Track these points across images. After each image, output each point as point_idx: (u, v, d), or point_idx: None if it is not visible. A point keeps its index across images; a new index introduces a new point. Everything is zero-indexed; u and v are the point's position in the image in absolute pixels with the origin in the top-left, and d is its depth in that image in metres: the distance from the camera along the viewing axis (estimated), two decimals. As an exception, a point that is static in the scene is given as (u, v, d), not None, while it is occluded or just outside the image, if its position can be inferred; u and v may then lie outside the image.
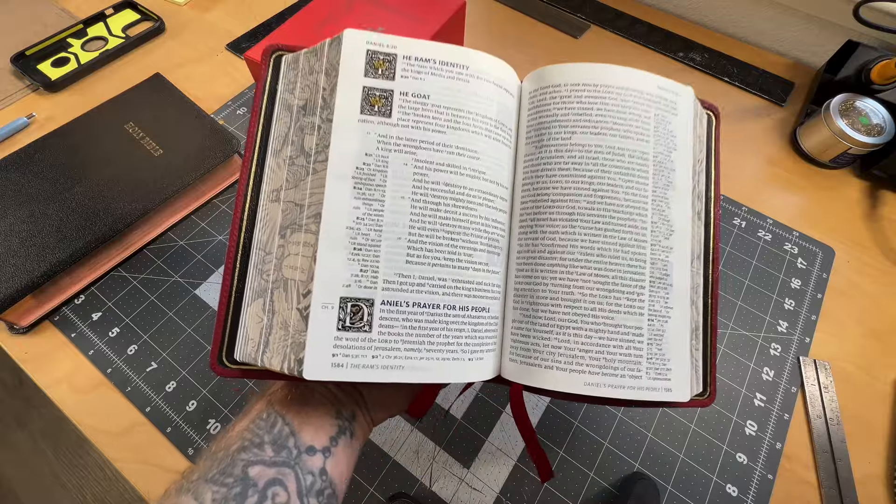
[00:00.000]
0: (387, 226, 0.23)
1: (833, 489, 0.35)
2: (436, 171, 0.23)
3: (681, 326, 0.24)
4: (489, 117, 0.25)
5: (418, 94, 0.24)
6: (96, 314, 0.41)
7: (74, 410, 0.37)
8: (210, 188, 0.47)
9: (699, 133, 0.27)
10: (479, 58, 0.25)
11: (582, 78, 0.26)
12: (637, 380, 0.23)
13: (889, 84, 0.50)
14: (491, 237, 0.25)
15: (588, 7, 0.67)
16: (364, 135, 0.23)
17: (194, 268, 0.44)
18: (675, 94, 0.26)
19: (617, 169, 0.25)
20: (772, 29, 0.63)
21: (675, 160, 0.26)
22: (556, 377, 0.24)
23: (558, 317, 0.24)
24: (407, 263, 0.23)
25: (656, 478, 0.35)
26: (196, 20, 0.65)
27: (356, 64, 0.24)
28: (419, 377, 0.22)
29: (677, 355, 0.24)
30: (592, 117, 0.25)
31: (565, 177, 0.25)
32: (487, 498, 0.34)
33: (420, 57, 0.24)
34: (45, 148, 0.45)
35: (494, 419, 0.37)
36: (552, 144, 0.26)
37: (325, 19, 0.54)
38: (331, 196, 0.22)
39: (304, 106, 0.25)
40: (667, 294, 0.24)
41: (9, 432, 1.08)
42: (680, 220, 0.25)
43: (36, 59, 0.58)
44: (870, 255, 0.46)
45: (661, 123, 0.26)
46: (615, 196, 0.25)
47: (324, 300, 0.21)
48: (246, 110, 0.55)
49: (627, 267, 0.24)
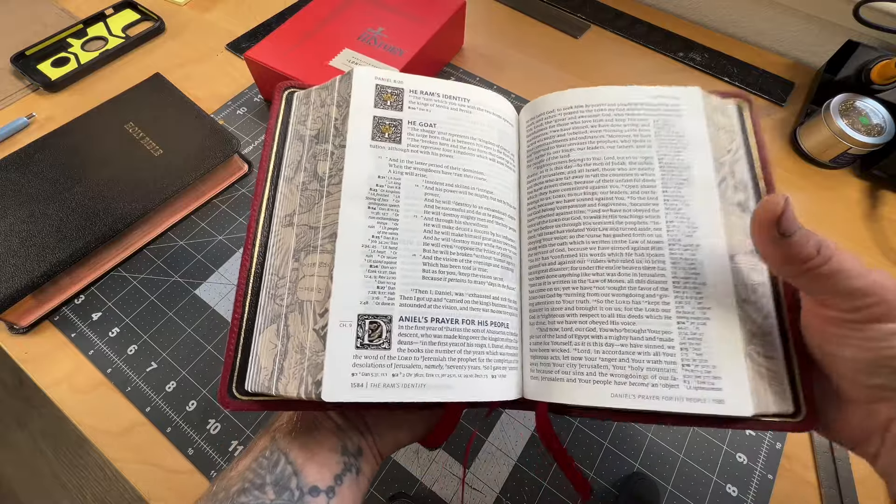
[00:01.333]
0: (402, 243, 0.23)
1: (833, 489, 0.35)
2: (446, 191, 0.25)
3: (726, 329, 0.22)
4: (492, 142, 0.26)
5: (425, 123, 0.26)
6: (96, 314, 0.41)
7: (74, 410, 0.37)
8: (210, 188, 0.47)
9: (723, 124, 0.27)
10: (477, 91, 0.27)
11: (574, 101, 0.27)
12: (673, 389, 0.21)
13: (889, 84, 0.50)
14: (503, 253, 0.25)
15: (588, 7, 0.67)
16: (376, 158, 0.24)
17: (194, 268, 0.44)
18: (675, 98, 0.26)
19: (619, 177, 0.25)
20: (772, 29, 0.63)
21: (689, 158, 0.25)
22: (579, 390, 0.22)
23: (575, 327, 0.23)
24: (423, 279, 0.23)
25: (656, 478, 0.35)
26: (196, 20, 0.65)
27: (366, 96, 0.25)
28: (441, 395, 0.22)
29: (727, 361, 0.21)
30: (588, 133, 0.26)
31: (567, 190, 0.25)
32: (487, 498, 0.34)
33: (425, 91, 0.26)
34: (44, 148, 0.45)
35: (494, 419, 0.37)
36: (552, 163, 0.26)
37: (326, 19, 0.54)
38: (345, 215, 0.23)
39: (317, 135, 0.26)
40: (699, 294, 0.23)
41: (9, 432, 1.08)
42: (704, 214, 0.24)
43: (36, 59, 0.58)
44: (870, 255, 0.46)
45: (663, 127, 0.26)
46: (620, 202, 0.24)
47: (341, 318, 0.21)
48: (246, 110, 0.55)
49: (644, 269, 0.23)
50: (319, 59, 0.50)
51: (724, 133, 0.26)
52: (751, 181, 0.26)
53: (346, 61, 0.50)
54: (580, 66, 0.61)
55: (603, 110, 0.26)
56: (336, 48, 0.51)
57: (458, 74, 0.59)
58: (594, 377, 0.22)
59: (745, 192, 0.25)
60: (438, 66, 0.59)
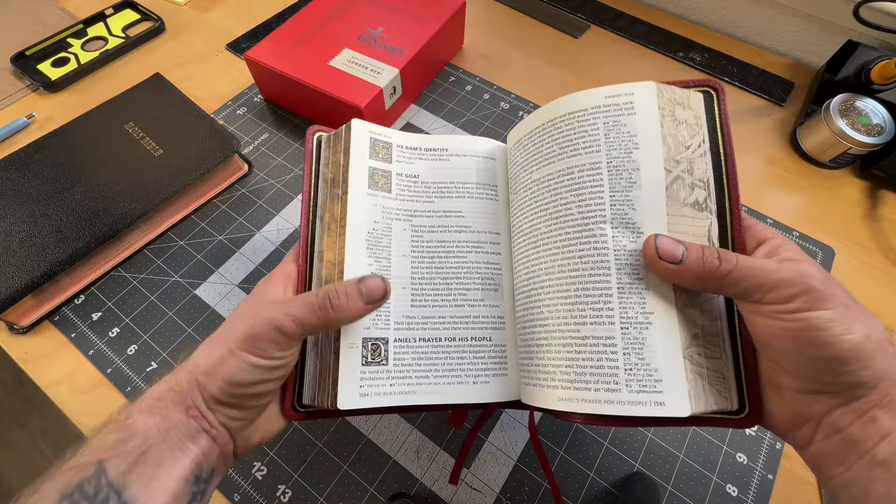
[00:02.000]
0: (394, 278, 0.28)
1: (833, 489, 0.34)
2: (429, 231, 0.29)
3: (667, 333, 0.22)
4: (469, 182, 0.31)
5: (410, 174, 0.30)
6: (96, 314, 0.41)
7: (74, 410, 0.37)
8: (210, 188, 0.47)
9: (684, 118, 0.25)
10: (455, 140, 0.31)
11: (534, 123, 0.28)
12: (615, 393, 0.22)
13: (889, 84, 0.50)
14: (485, 276, 0.29)
15: (588, 7, 0.67)
16: (372, 206, 0.29)
17: (194, 268, 0.44)
18: (628, 94, 0.25)
19: (567, 188, 0.25)
20: (772, 29, 0.63)
21: (639, 158, 0.24)
22: (536, 394, 0.25)
23: (535, 337, 0.26)
24: (412, 307, 0.28)
25: (656, 478, 0.35)
26: (196, 20, 0.65)
27: (363, 147, 0.29)
28: (429, 399, 0.27)
29: (668, 365, 0.22)
30: (543, 151, 0.27)
31: (529, 210, 0.27)
32: (487, 498, 0.34)
33: (409, 146, 0.31)
34: (45, 148, 0.45)
35: (494, 419, 0.37)
36: (520, 188, 0.28)
37: (326, 19, 0.54)
38: (351, 255, 0.27)
39: (333, 179, 0.30)
40: (642, 299, 0.23)
41: (9, 432, 1.08)
42: (650, 218, 0.23)
43: (36, 59, 0.58)
44: (870, 255, 0.46)
45: (612, 128, 0.25)
46: (569, 213, 0.25)
47: (350, 341, 0.26)
48: (246, 110, 0.55)
49: (589, 277, 0.24)
50: (319, 59, 0.50)
51: (684, 128, 0.25)
52: (713, 177, 0.25)
53: (346, 61, 0.50)
54: (580, 66, 0.61)
55: (555, 124, 0.27)
56: (336, 48, 0.51)
57: (457, 74, 0.59)
58: (547, 382, 0.24)
59: (706, 190, 0.24)
60: (438, 67, 0.59)
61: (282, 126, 0.54)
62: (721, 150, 0.25)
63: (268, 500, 0.34)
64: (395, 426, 0.37)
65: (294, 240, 0.45)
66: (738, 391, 0.23)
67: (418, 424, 0.37)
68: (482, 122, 0.54)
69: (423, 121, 0.55)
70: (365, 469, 0.35)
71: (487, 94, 0.57)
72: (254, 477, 0.34)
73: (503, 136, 0.53)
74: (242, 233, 0.46)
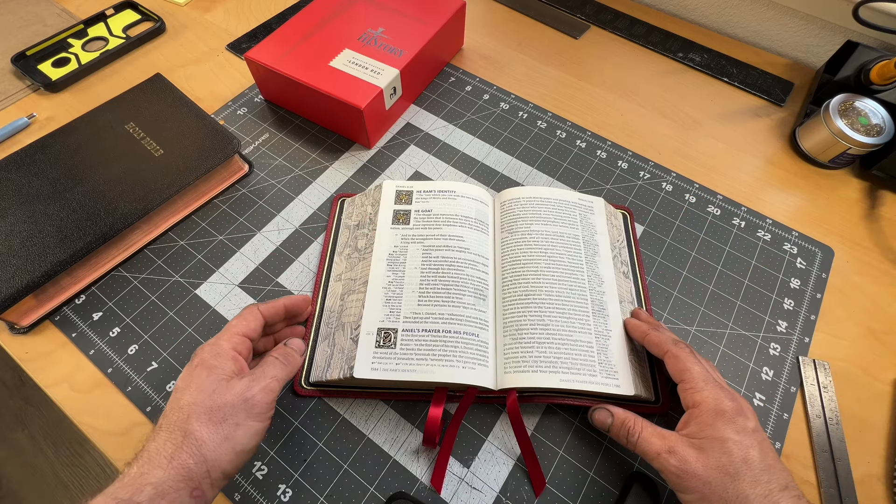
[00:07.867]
0: (406, 285, 0.37)
1: (833, 489, 0.35)
2: (436, 250, 0.39)
3: (619, 344, 0.36)
4: (469, 217, 0.41)
5: (426, 210, 0.42)
6: (97, 314, 0.41)
7: (75, 410, 0.37)
8: (210, 188, 0.47)
9: (615, 224, 0.44)
10: (462, 185, 0.43)
11: (532, 194, 0.43)
12: (594, 377, 0.34)
13: (888, 84, 0.50)
14: (476, 287, 0.38)
15: (588, 7, 0.67)
16: (394, 235, 0.40)
17: (195, 268, 0.44)
18: (590, 202, 0.44)
19: (561, 244, 0.40)
20: (772, 29, 0.63)
21: (598, 240, 0.41)
22: (539, 377, 0.34)
23: (538, 337, 0.36)
24: (419, 305, 0.37)
25: (656, 478, 0.35)
26: (196, 20, 0.65)
27: (390, 198, 0.43)
28: (426, 377, 0.34)
29: (620, 363, 0.35)
30: (542, 214, 0.42)
31: (530, 249, 0.40)
32: (487, 498, 0.34)
33: (426, 190, 0.43)
34: (45, 148, 0.45)
35: (494, 419, 0.37)
36: (518, 231, 0.41)
37: (326, 19, 0.54)
38: (374, 270, 0.38)
39: (358, 224, 0.43)
40: (606, 321, 0.37)
41: (9, 432, 1.08)
42: (607, 274, 0.40)
43: (36, 59, 0.58)
44: (869, 255, 0.46)
45: (583, 218, 0.42)
46: (561, 261, 0.39)
47: (367, 330, 0.35)
48: (247, 110, 0.55)
49: (576, 303, 0.37)
50: (320, 60, 0.50)
51: (615, 229, 0.44)
52: (629, 262, 0.43)
53: (346, 62, 0.50)
54: (580, 66, 0.61)
55: (550, 202, 0.42)
56: (336, 48, 0.51)
57: (457, 75, 0.59)
58: (550, 369, 0.34)
59: (627, 266, 0.42)
60: (438, 67, 0.59)
61: (282, 126, 0.54)
62: (633, 247, 0.44)
63: (268, 499, 0.34)
64: (395, 426, 0.37)
65: (294, 240, 0.45)
66: (654, 388, 0.37)
67: (418, 424, 0.37)
68: (482, 123, 0.55)
69: (423, 121, 0.55)
70: (365, 469, 0.35)
71: (487, 95, 0.57)
72: (254, 476, 0.34)
73: (502, 136, 0.53)
74: (243, 233, 0.46)
